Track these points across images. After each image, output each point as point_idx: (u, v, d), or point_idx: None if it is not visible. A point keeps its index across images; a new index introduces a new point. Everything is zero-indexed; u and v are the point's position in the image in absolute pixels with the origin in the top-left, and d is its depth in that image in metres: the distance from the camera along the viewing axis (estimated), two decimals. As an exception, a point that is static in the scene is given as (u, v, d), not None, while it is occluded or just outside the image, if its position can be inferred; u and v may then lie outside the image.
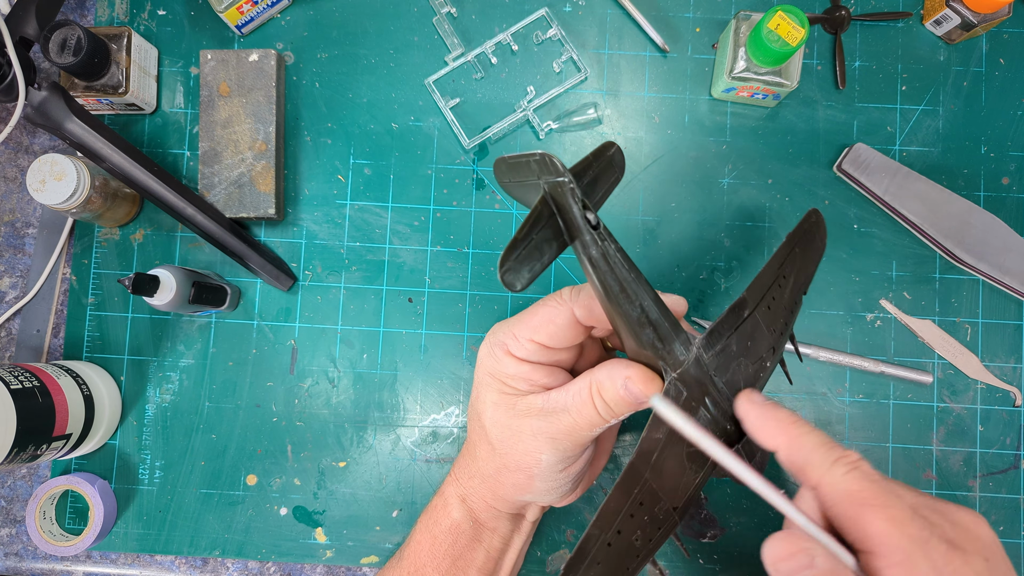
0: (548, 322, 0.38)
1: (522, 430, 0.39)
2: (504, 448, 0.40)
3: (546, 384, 0.39)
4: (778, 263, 0.38)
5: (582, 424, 0.37)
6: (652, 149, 0.59)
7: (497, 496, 0.42)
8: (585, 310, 0.38)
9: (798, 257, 0.40)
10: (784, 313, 0.38)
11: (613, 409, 0.36)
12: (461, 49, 0.59)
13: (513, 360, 0.39)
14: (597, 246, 0.33)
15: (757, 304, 0.37)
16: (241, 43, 0.60)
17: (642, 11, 0.59)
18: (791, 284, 0.39)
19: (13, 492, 0.58)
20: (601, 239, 0.33)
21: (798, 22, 0.50)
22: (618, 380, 0.35)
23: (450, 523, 0.43)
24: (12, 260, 0.59)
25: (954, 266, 0.57)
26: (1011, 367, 0.57)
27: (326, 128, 0.59)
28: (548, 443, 0.38)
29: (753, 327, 0.36)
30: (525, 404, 0.39)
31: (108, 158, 0.52)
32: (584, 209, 0.33)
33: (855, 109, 0.59)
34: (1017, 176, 0.58)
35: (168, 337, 0.58)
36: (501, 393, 0.40)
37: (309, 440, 0.57)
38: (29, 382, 0.49)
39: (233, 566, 0.57)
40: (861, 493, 0.30)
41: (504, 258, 0.32)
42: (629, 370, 0.35)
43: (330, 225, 0.59)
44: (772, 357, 0.37)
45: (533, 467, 0.39)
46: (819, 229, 0.42)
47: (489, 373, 0.40)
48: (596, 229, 0.33)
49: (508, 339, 0.39)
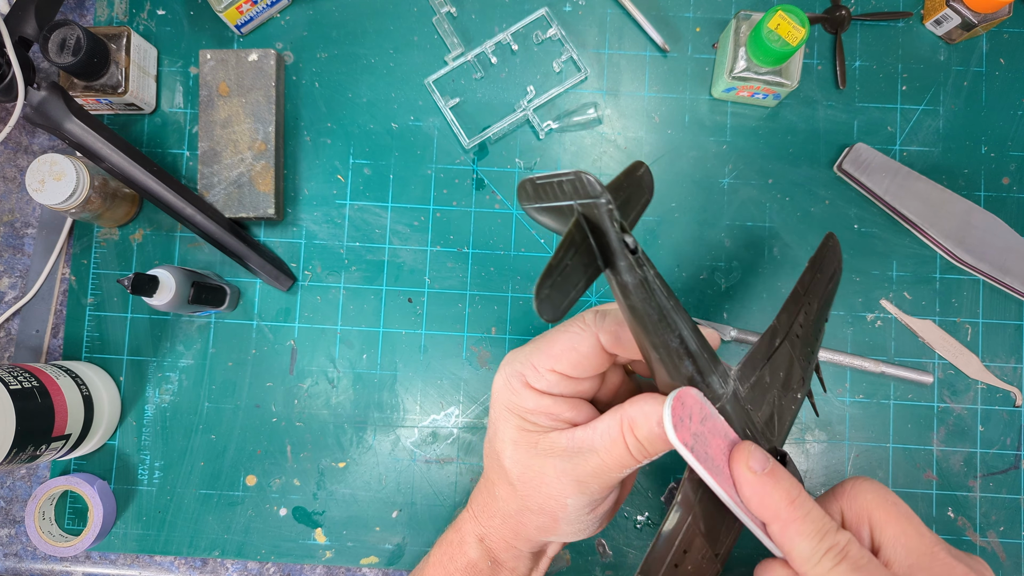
0: (570, 350, 0.35)
1: (545, 471, 0.36)
2: (526, 490, 0.37)
3: (570, 419, 0.36)
4: (803, 289, 0.37)
5: (612, 465, 0.34)
6: (652, 149, 0.59)
7: (519, 536, 0.40)
8: (611, 336, 0.35)
9: (821, 282, 0.39)
10: (810, 341, 0.37)
11: (647, 449, 0.34)
12: (461, 49, 0.59)
13: (533, 393, 0.36)
14: (635, 272, 0.31)
15: (787, 333, 0.35)
16: (240, 43, 0.60)
17: (642, 11, 0.59)
18: (815, 311, 0.37)
19: (12, 493, 0.58)
20: (639, 264, 0.31)
21: (798, 22, 0.50)
22: (653, 417, 0.33)
23: (466, 562, 0.41)
24: (11, 260, 0.59)
25: (954, 266, 0.57)
26: (1011, 367, 0.57)
27: (326, 128, 0.59)
28: (574, 486, 0.35)
29: (784, 357, 0.35)
30: (548, 443, 0.36)
31: (107, 158, 0.52)
32: (622, 232, 0.31)
33: (855, 109, 0.59)
34: (1017, 176, 0.58)
35: (167, 337, 0.58)
36: (521, 430, 0.37)
37: (309, 440, 0.57)
38: (28, 382, 0.49)
39: (232, 567, 0.57)
40: None
41: (540, 286, 0.30)
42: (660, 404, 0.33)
43: (330, 225, 0.59)
44: (802, 388, 0.35)
45: (559, 511, 0.36)
46: (836, 253, 0.41)
47: (507, 407, 0.37)
48: (635, 253, 0.31)
49: (527, 369, 0.36)
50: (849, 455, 0.56)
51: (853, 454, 0.56)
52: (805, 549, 0.31)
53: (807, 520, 0.31)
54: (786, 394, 0.35)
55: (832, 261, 0.41)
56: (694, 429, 0.32)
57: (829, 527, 0.31)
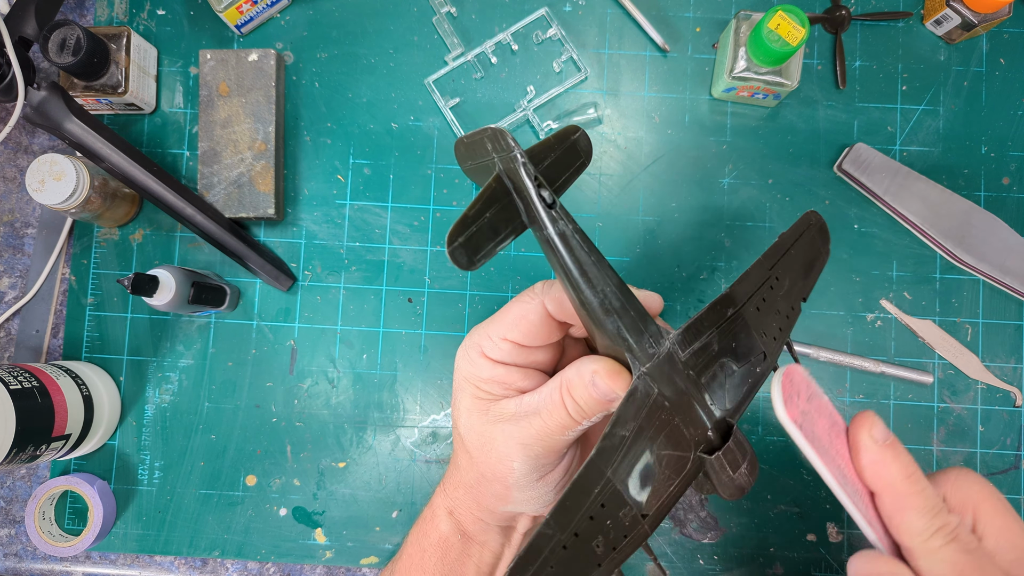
0: (521, 318, 0.36)
1: (495, 437, 0.37)
2: (479, 456, 0.38)
3: (521, 387, 0.37)
4: (769, 263, 0.36)
5: (553, 427, 0.35)
6: (652, 149, 0.59)
7: (481, 507, 0.40)
8: (556, 303, 0.36)
9: (796, 260, 0.37)
10: (777, 318, 0.35)
11: (584, 409, 0.34)
12: (461, 49, 0.59)
13: (488, 363, 0.37)
14: (553, 226, 0.32)
15: (744, 303, 0.34)
16: (240, 43, 0.60)
17: (642, 11, 0.59)
18: (787, 288, 0.36)
19: (12, 493, 0.58)
20: (558, 218, 0.32)
21: (798, 22, 0.50)
22: (586, 376, 0.33)
23: (438, 536, 0.42)
24: (11, 260, 0.59)
25: (954, 266, 0.57)
26: (1011, 367, 0.57)
27: (326, 128, 0.59)
28: (519, 449, 0.36)
29: (739, 328, 0.34)
30: (498, 409, 0.37)
31: (107, 158, 0.52)
32: (539, 187, 0.32)
33: (855, 109, 0.59)
34: (1017, 176, 0.58)
35: (167, 337, 0.58)
36: (475, 398, 0.38)
37: (308, 440, 0.57)
38: (28, 382, 0.49)
39: (232, 567, 0.57)
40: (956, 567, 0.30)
41: (452, 235, 0.31)
42: (597, 364, 0.33)
43: (330, 225, 0.59)
44: (764, 363, 0.34)
45: (508, 476, 0.37)
46: (820, 232, 0.39)
47: (464, 377, 0.38)
48: (552, 208, 0.32)
49: (483, 340, 0.37)
50: (849, 455, 0.56)
51: (853, 454, 0.56)
52: (917, 524, 0.30)
53: (922, 495, 0.31)
54: (740, 365, 0.33)
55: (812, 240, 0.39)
56: (802, 407, 0.32)
57: (941, 507, 0.31)
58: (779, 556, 0.56)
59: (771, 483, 0.56)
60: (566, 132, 0.35)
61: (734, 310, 0.34)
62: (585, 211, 0.58)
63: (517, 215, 0.33)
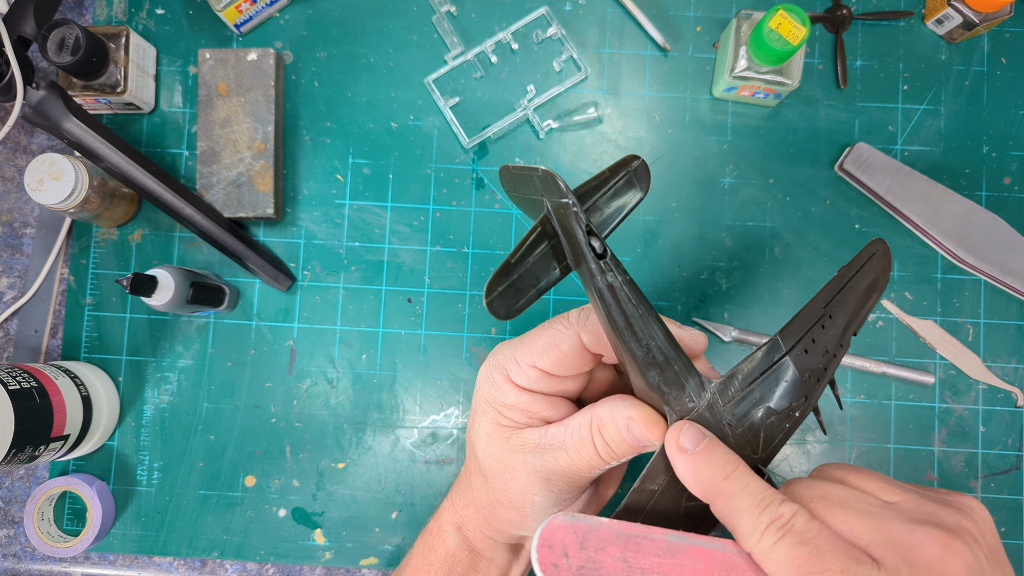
0: (553, 347, 0.35)
1: (515, 466, 0.36)
2: (497, 483, 0.37)
3: (546, 417, 0.36)
4: (823, 302, 0.33)
5: (580, 465, 0.34)
6: (653, 149, 0.59)
7: (493, 528, 0.39)
8: (594, 337, 0.35)
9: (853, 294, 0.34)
10: (825, 358, 0.33)
11: (614, 451, 0.33)
12: (461, 48, 0.59)
13: (513, 388, 0.36)
14: (602, 277, 0.30)
15: (792, 348, 0.32)
16: (240, 42, 0.60)
17: (643, 10, 0.59)
18: (839, 325, 0.33)
19: (11, 493, 0.58)
20: (607, 269, 0.30)
21: (799, 21, 0.50)
22: (620, 420, 0.32)
23: (446, 551, 0.41)
24: (10, 260, 0.59)
25: (956, 266, 0.57)
26: (1013, 368, 0.57)
27: (325, 127, 0.59)
28: (542, 483, 0.35)
29: (783, 373, 0.32)
30: (520, 439, 0.36)
31: (106, 158, 0.52)
32: (589, 235, 0.30)
33: (856, 108, 0.59)
34: (1019, 176, 0.58)
35: (166, 337, 0.58)
36: (496, 424, 0.36)
37: (308, 441, 0.57)
38: (27, 383, 0.49)
39: (232, 567, 0.57)
40: (793, 563, 0.27)
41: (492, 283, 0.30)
42: (632, 410, 0.32)
43: (329, 225, 0.58)
44: (804, 405, 0.32)
45: (527, 507, 0.36)
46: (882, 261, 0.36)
47: (486, 400, 0.37)
48: (602, 258, 0.30)
49: (509, 364, 0.36)
50: (850, 456, 0.56)
51: (854, 455, 0.56)
52: (745, 525, 0.28)
53: (744, 492, 0.28)
54: (780, 411, 0.32)
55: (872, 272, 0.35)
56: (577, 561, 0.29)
57: (771, 499, 0.28)
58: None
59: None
60: (623, 162, 0.33)
61: (780, 356, 0.32)
62: (585, 211, 0.58)
63: (562, 257, 0.31)
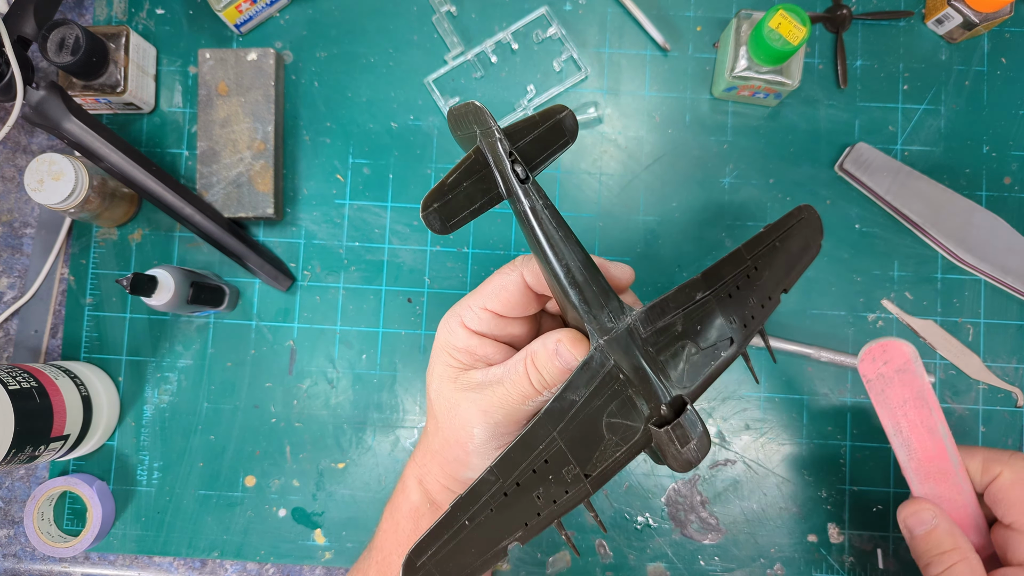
0: (500, 288, 0.38)
1: (459, 403, 0.38)
2: (444, 421, 0.40)
3: (492, 360, 0.39)
4: (748, 253, 0.37)
5: (515, 396, 0.37)
6: (653, 148, 0.59)
7: (446, 474, 0.41)
8: (534, 275, 0.38)
9: (781, 253, 0.38)
10: (751, 307, 0.37)
11: (545, 379, 0.36)
12: (461, 48, 0.59)
13: (465, 332, 0.39)
14: (526, 200, 0.34)
15: (714, 290, 0.36)
16: (240, 42, 0.60)
17: (643, 10, 0.59)
18: (766, 278, 0.37)
19: (11, 493, 0.58)
20: (529, 193, 0.33)
21: (799, 21, 0.50)
22: (550, 346, 0.35)
23: (409, 507, 0.43)
24: (10, 260, 0.59)
25: (956, 266, 0.57)
26: (1013, 367, 0.57)
27: (325, 127, 0.59)
28: (480, 416, 0.38)
29: (707, 312, 0.35)
30: (466, 378, 0.39)
31: (106, 158, 0.52)
32: (513, 162, 0.33)
33: (857, 108, 0.59)
34: (1019, 176, 0.58)
35: (166, 338, 0.58)
36: (447, 366, 0.39)
37: (308, 441, 0.57)
38: (27, 383, 0.49)
39: (231, 567, 0.57)
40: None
41: (427, 200, 0.33)
42: (561, 333, 0.35)
43: (329, 225, 0.58)
44: (729, 348, 0.36)
45: (468, 442, 0.39)
46: (810, 226, 0.40)
47: (440, 346, 0.40)
48: (524, 183, 0.33)
49: (463, 309, 0.39)
50: (850, 455, 0.56)
51: (854, 455, 0.56)
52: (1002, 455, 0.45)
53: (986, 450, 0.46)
54: (704, 347, 0.35)
55: (801, 234, 0.39)
56: (881, 371, 0.45)
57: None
58: (780, 557, 0.56)
59: (772, 484, 0.56)
60: (552, 111, 0.36)
61: (703, 295, 0.35)
62: (586, 211, 0.58)
63: (494, 186, 0.35)
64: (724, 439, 0.57)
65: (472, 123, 0.35)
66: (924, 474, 0.46)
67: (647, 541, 0.56)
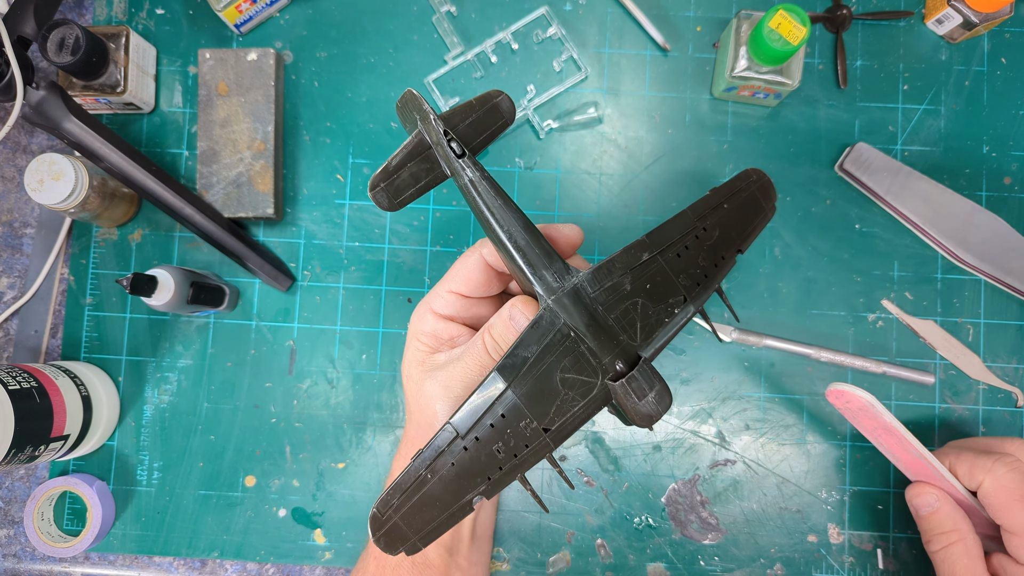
0: (463, 269, 0.40)
1: (425, 384, 0.40)
2: (413, 405, 0.41)
3: (457, 341, 0.41)
4: (695, 215, 0.38)
5: (473, 367, 0.38)
6: (653, 148, 0.59)
7: None
8: (493, 253, 0.39)
9: (732, 215, 0.40)
10: (704, 266, 0.38)
11: (501, 345, 0.37)
12: (461, 48, 0.59)
13: (433, 317, 0.41)
14: (464, 173, 0.36)
15: (661, 249, 0.37)
16: (240, 42, 0.60)
17: (643, 10, 0.59)
18: (716, 238, 0.39)
19: (11, 493, 0.58)
20: (466, 167, 0.36)
21: (799, 21, 0.50)
22: (505, 312, 0.37)
23: None
24: (10, 260, 0.59)
25: (956, 266, 0.57)
26: (1013, 368, 0.57)
27: (325, 127, 0.59)
28: (442, 391, 0.39)
29: (656, 271, 0.37)
30: (432, 361, 0.40)
31: (106, 158, 0.52)
32: (449, 140, 0.36)
33: (857, 108, 0.59)
34: (1019, 176, 0.58)
35: (166, 338, 0.58)
36: (416, 351, 0.41)
37: (308, 441, 0.57)
38: (27, 383, 0.49)
39: (231, 567, 0.57)
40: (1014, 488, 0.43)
41: (374, 180, 0.36)
42: (514, 299, 0.37)
43: (329, 225, 0.58)
44: (683, 307, 0.37)
45: (433, 419, 0.40)
46: (762, 190, 0.42)
47: (412, 333, 0.42)
48: (461, 157, 0.36)
49: (433, 298, 0.41)
50: (851, 455, 0.56)
51: (854, 455, 0.56)
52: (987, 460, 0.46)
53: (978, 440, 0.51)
54: (655, 305, 0.36)
55: (752, 196, 0.41)
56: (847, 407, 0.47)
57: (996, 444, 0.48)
58: (780, 557, 0.56)
59: (772, 484, 0.56)
60: (489, 95, 0.38)
61: (649, 255, 0.37)
62: (586, 210, 0.58)
63: (437, 166, 0.37)
64: (724, 439, 0.57)
65: (412, 110, 0.37)
66: (915, 476, 0.49)
67: (647, 541, 0.56)
